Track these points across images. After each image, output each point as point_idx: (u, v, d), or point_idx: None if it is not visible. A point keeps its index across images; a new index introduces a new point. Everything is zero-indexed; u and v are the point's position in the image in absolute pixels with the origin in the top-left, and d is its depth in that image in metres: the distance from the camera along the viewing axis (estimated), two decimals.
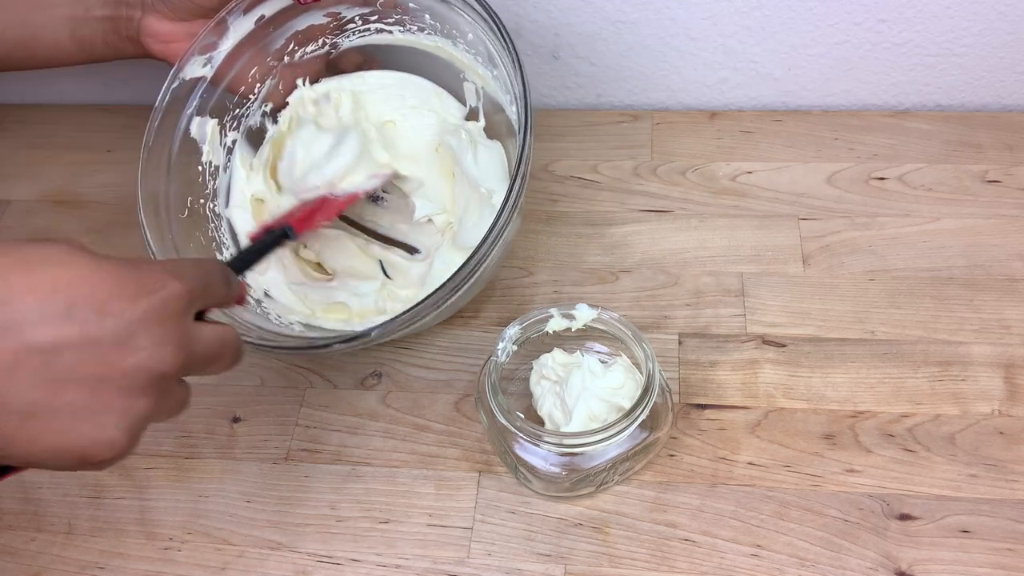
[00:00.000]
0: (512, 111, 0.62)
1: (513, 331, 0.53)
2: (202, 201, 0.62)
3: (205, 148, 0.61)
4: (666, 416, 0.53)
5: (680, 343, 0.60)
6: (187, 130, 0.60)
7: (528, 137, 0.52)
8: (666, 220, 0.67)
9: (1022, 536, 0.50)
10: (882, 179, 0.68)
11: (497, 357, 0.52)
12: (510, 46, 0.55)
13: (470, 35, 0.61)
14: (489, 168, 0.66)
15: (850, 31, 0.70)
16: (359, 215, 0.66)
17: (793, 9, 0.69)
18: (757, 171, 0.70)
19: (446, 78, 0.66)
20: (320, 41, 0.65)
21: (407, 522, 0.54)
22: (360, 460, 0.56)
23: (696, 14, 0.70)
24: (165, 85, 0.58)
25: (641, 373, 0.52)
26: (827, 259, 0.63)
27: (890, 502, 0.52)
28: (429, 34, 0.64)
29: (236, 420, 0.59)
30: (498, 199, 0.62)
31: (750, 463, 0.54)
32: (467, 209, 0.63)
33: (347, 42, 0.66)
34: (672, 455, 0.55)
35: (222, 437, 0.58)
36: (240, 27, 0.61)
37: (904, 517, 0.51)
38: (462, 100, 0.66)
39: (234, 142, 0.63)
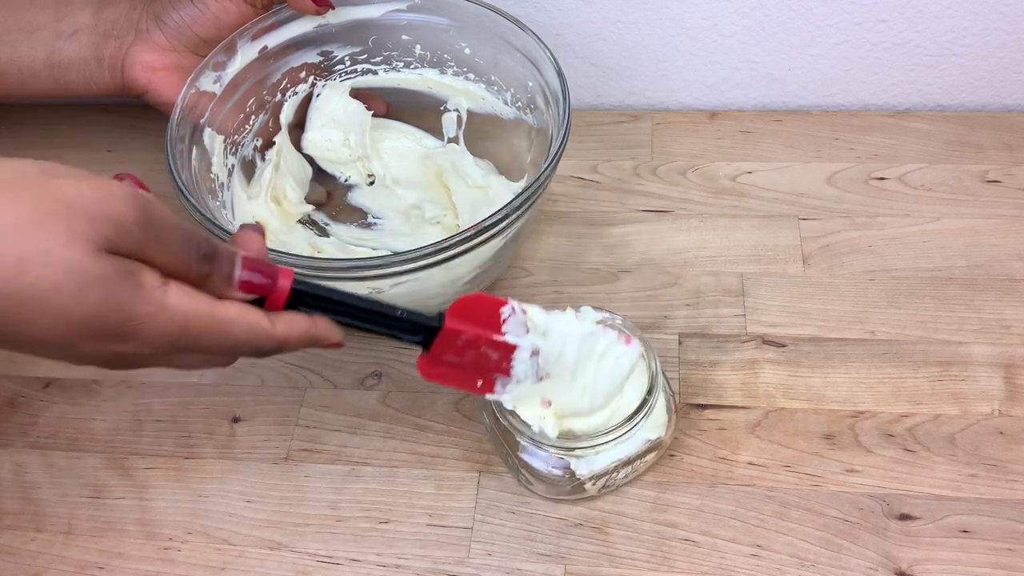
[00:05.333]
0: (511, 111, 0.66)
1: None
2: (218, 204, 0.62)
3: (215, 160, 0.61)
4: (670, 418, 0.53)
5: (680, 343, 0.60)
6: (200, 138, 0.60)
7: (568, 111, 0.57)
8: (666, 220, 0.67)
9: (1022, 536, 0.50)
10: (882, 179, 0.68)
11: None
12: (547, 52, 0.59)
13: (467, 49, 0.64)
14: (483, 170, 0.67)
15: (850, 31, 0.70)
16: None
17: (793, 9, 0.69)
18: (757, 171, 0.70)
19: (424, 114, 0.69)
20: (309, 81, 0.66)
21: (407, 522, 0.54)
22: (360, 460, 0.56)
23: (696, 14, 0.70)
24: (184, 89, 0.58)
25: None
26: (827, 259, 0.63)
27: (890, 502, 0.52)
28: (415, 67, 0.67)
29: (236, 420, 0.59)
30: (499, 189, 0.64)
31: (750, 463, 0.54)
32: (473, 209, 0.64)
33: (333, 84, 0.67)
34: (672, 455, 0.55)
35: (222, 437, 0.58)
36: (247, 53, 0.62)
37: (904, 517, 0.51)
38: (438, 135, 0.70)
39: (233, 166, 0.63)
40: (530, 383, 0.48)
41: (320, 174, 0.69)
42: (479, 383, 0.47)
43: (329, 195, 0.69)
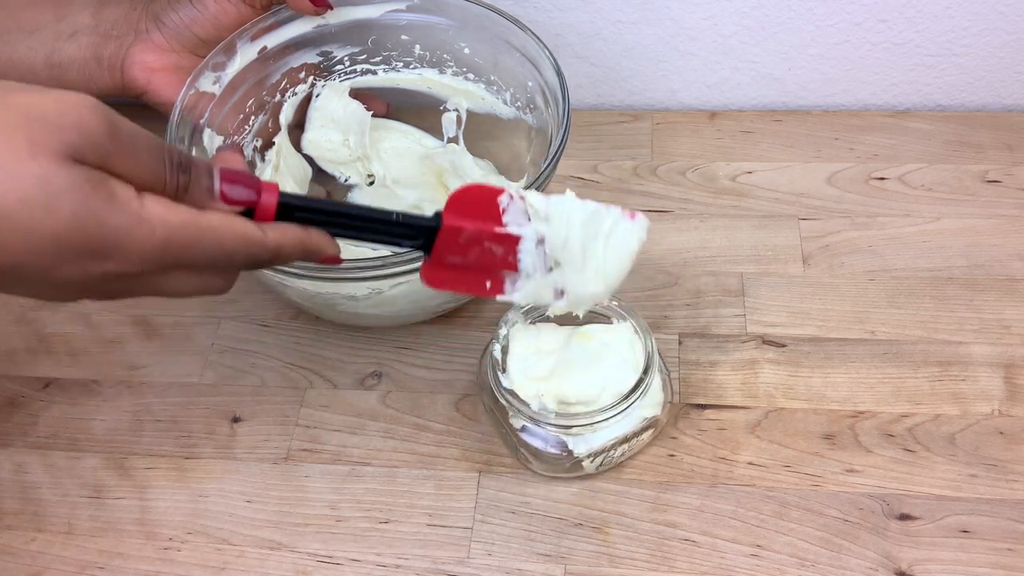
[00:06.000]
0: (510, 110, 0.66)
1: (515, 314, 0.54)
2: None
3: None
4: (666, 398, 0.53)
5: (680, 343, 0.60)
6: (200, 139, 0.60)
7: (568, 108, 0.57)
8: (666, 220, 0.67)
9: (1022, 536, 0.50)
10: (882, 179, 0.68)
11: (498, 340, 0.53)
12: (547, 52, 0.59)
13: (466, 49, 0.64)
14: (482, 170, 0.68)
15: (850, 31, 0.70)
16: None
17: (793, 9, 0.69)
18: (757, 171, 0.70)
19: (424, 113, 0.69)
20: (309, 81, 0.66)
21: (407, 522, 0.54)
22: (360, 460, 0.56)
23: (696, 14, 0.70)
24: (183, 90, 0.58)
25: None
26: (827, 259, 0.63)
27: (890, 502, 0.52)
28: (415, 67, 0.67)
29: (236, 420, 0.59)
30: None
31: (750, 463, 0.54)
32: None
33: (332, 84, 0.67)
34: (672, 455, 0.55)
35: (222, 437, 0.58)
36: (246, 54, 0.62)
37: (904, 517, 0.51)
38: (438, 135, 0.70)
39: None
40: (540, 275, 0.46)
41: (320, 174, 0.69)
42: (488, 284, 0.45)
43: (329, 195, 0.69)
